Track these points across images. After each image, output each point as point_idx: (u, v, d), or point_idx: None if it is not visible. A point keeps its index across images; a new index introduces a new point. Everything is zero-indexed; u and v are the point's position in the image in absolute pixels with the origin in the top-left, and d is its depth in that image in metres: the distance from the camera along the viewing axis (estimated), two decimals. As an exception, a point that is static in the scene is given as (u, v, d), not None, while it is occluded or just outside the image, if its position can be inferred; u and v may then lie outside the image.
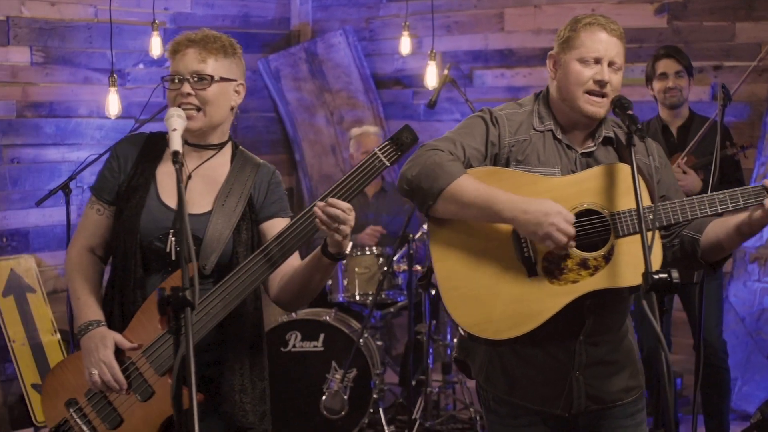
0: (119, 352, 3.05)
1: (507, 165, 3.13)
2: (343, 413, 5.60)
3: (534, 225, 2.93)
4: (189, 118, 3.06)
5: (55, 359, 6.38)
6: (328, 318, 5.79)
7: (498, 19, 7.16)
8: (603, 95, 3.08)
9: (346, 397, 5.58)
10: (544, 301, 3.03)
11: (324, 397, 5.58)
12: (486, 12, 7.18)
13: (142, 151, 3.22)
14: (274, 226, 3.13)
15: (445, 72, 6.16)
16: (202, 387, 3.11)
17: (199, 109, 3.10)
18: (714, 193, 3.03)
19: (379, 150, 2.95)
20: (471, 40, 7.16)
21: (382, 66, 7.69)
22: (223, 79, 3.13)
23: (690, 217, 3.02)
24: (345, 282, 6.04)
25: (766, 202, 2.97)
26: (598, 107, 3.08)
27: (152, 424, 3.06)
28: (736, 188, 3.02)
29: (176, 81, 3.10)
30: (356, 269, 6.04)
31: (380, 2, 7.56)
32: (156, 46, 6.48)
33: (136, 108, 6.68)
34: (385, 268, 5.75)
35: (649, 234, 2.84)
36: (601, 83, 3.07)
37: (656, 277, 2.65)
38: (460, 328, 3.24)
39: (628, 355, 3.27)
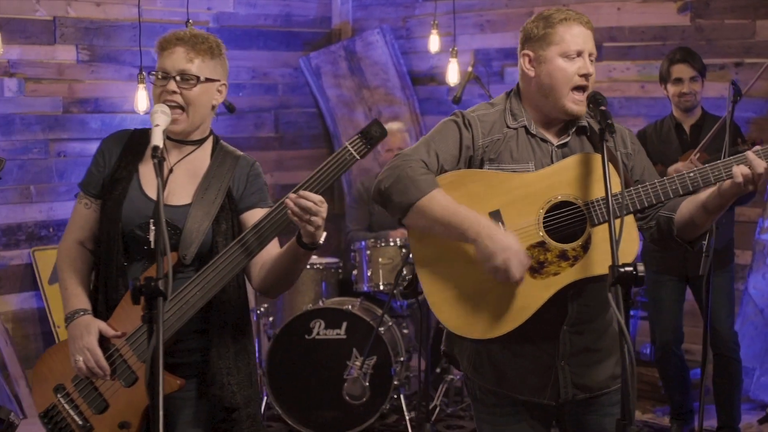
0: (104, 340, 3.08)
1: (481, 165, 3.11)
2: (364, 399, 5.62)
3: (490, 254, 2.93)
4: (173, 121, 3.07)
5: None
6: (350, 307, 5.80)
7: (528, 17, 7.10)
8: (585, 89, 3.08)
9: (366, 383, 5.59)
10: (527, 296, 3.02)
11: (345, 384, 5.62)
12: (517, 11, 7.15)
13: (126, 146, 3.25)
14: (254, 216, 3.13)
15: (469, 69, 6.18)
16: (189, 372, 3.16)
17: (182, 109, 3.12)
18: (685, 172, 2.99)
19: (350, 143, 2.96)
20: (502, 38, 7.15)
21: (418, 63, 7.69)
22: (207, 80, 3.15)
23: (663, 199, 3.00)
24: (369, 272, 6.06)
25: (734, 170, 2.93)
26: (581, 106, 3.09)
27: (136, 408, 3.08)
28: (707, 165, 2.98)
29: (162, 77, 3.12)
30: (380, 260, 6.06)
31: (416, 1, 7.58)
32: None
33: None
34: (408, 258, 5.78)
35: (623, 225, 2.82)
36: (587, 76, 3.07)
37: (622, 270, 2.64)
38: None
39: (614, 342, 3.19)
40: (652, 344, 5.79)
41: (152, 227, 3.12)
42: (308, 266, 6.01)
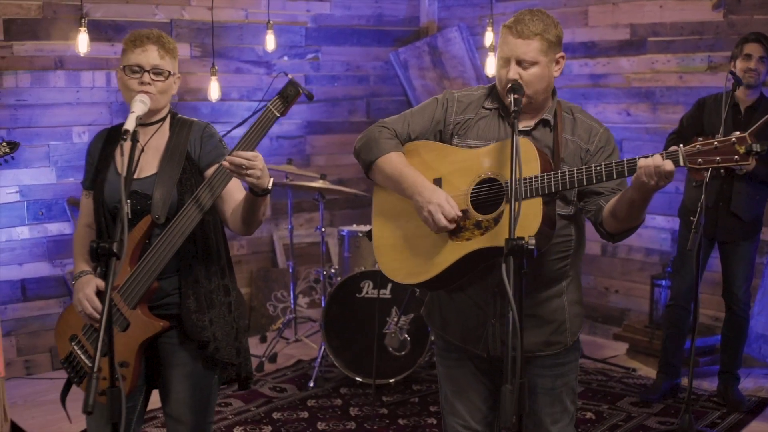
0: (102, 293, 3.18)
1: (450, 138, 3.20)
2: (404, 351, 5.66)
3: (419, 207, 3.08)
4: (150, 101, 3.17)
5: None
6: None
7: (583, 15, 7.01)
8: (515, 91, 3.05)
9: (402, 338, 5.61)
10: (442, 254, 3.09)
11: (385, 337, 5.68)
12: (573, 9, 7.04)
13: (105, 141, 3.38)
14: None
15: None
16: (172, 322, 3.26)
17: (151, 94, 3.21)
18: (593, 165, 2.92)
19: (271, 104, 3.10)
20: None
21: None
22: (171, 74, 3.30)
23: (568, 187, 2.94)
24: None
25: (639, 161, 2.83)
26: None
27: (131, 348, 3.20)
28: (614, 161, 2.90)
29: (136, 71, 3.20)
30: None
31: (491, 2, 7.56)
32: (270, 42, 6.72)
33: (274, 92, 6.94)
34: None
35: (534, 202, 2.92)
36: (509, 81, 3.05)
37: (514, 243, 2.63)
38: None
39: (554, 315, 3.23)
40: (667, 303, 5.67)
41: (126, 201, 3.17)
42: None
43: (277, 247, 7.47)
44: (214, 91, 6.35)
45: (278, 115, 3.10)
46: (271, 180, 3.06)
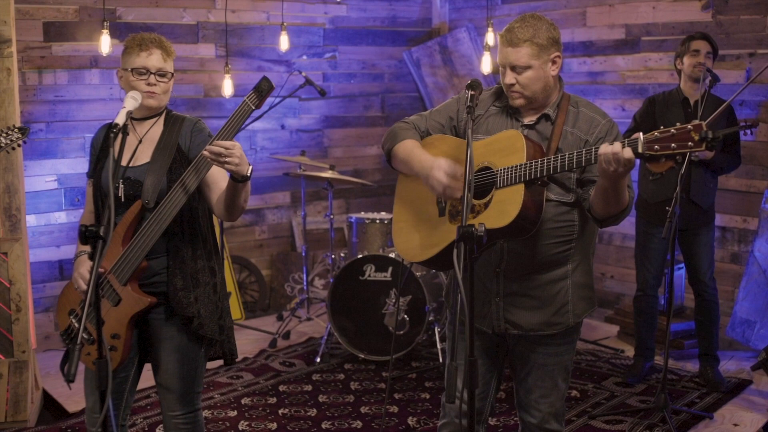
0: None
1: (464, 133, 3.23)
2: (404, 330, 5.71)
3: (424, 177, 3.15)
4: (147, 97, 3.28)
5: (227, 279, 6.94)
6: (394, 254, 5.85)
7: (581, 16, 6.99)
8: (515, 92, 3.13)
9: (400, 317, 5.66)
10: (442, 236, 3.18)
11: (384, 317, 5.73)
12: (573, 11, 7.02)
13: (106, 134, 3.46)
14: None
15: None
16: (160, 298, 3.34)
17: (155, 94, 3.32)
18: (553, 156, 2.95)
19: (247, 98, 3.12)
20: (562, 34, 6.94)
21: (496, 55, 7.62)
22: (172, 75, 3.38)
23: (539, 175, 2.96)
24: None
25: (600, 149, 2.84)
26: (513, 101, 3.16)
27: (122, 322, 3.28)
28: (583, 150, 2.91)
29: (142, 73, 3.29)
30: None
31: (497, 4, 7.57)
32: (284, 42, 6.79)
33: (291, 89, 7.00)
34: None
35: (516, 189, 2.97)
36: (507, 86, 3.14)
37: (464, 229, 2.66)
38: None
39: (556, 297, 3.22)
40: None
41: (121, 186, 3.33)
42: (376, 221, 6.18)
43: (295, 232, 7.56)
44: (227, 88, 6.44)
45: (253, 107, 3.14)
46: (250, 168, 3.12)
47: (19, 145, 4.24)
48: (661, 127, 2.82)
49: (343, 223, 7.67)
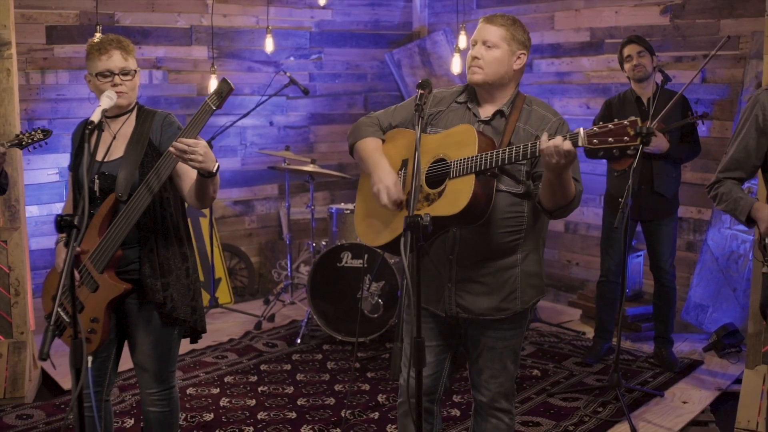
0: (77, 258, 3.22)
1: (426, 127, 3.24)
2: (377, 314, 5.69)
3: (373, 182, 3.18)
4: (119, 97, 3.26)
5: (217, 265, 6.96)
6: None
7: (550, 20, 6.95)
8: (477, 66, 3.11)
9: (374, 302, 5.66)
10: (397, 222, 3.16)
11: (360, 301, 5.70)
12: (542, 15, 6.99)
13: (83, 131, 3.39)
14: None
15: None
16: (129, 278, 3.32)
17: (123, 93, 3.29)
18: (501, 149, 2.94)
19: (208, 98, 3.10)
20: (532, 37, 6.98)
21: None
22: (136, 71, 3.35)
23: (487, 166, 2.94)
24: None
25: (542, 143, 2.84)
26: (472, 75, 3.15)
27: (100, 307, 3.29)
28: (522, 144, 2.90)
29: (107, 76, 3.27)
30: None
31: (472, 9, 7.54)
32: (269, 45, 6.75)
33: (277, 88, 6.99)
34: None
35: (467, 180, 2.98)
36: (473, 57, 3.13)
37: (410, 219, 2.66)
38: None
39: (506, 283, 3.19)
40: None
41: (96, 180, 3.32)
42: (354, 211, 6.18)
43: (282, 221, 7.55)
44: (214, 87, 6.41)
45: (214, 108, 3.11)
46: (217, 164, 3.09)
47: (41, 145, 4.22)
48: (600, 123, 2.82)
49: (323, 214, 7.67)
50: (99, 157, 3.36)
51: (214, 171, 3.09)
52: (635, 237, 5.95)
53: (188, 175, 3.29)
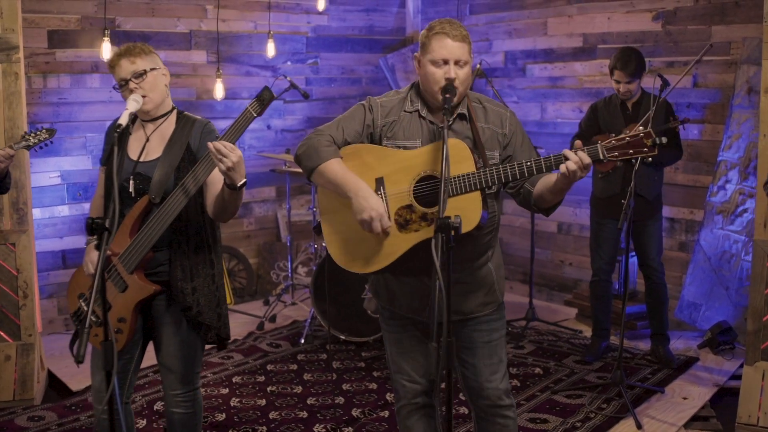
0: (107, 258, 3.21)
1: (380, 140, 3.10)
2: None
3: (359, 209, 2.96)
4: (144, 103, 3.24)
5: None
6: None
7: (543, 26, 6.96)
8: (455, 86, 2.98)
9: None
10: (394, 245, 3.02)
11: (364, 302, 5.62)
12: (535, 21, 7.00)
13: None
14: None
15: (478, 66, 6.12)
16: (158, 280, 3.28)
17: (146, 96, 3.26)
18: (524, 161, 2.91)
19: (250, 106, 3.06)
20: (525, 42, 7.00)
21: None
22: (151, 69, 3.28)
23: (503, 181, 2.92)
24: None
25: (561, 167, 2.86)
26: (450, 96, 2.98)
27: (129, 307, 3.25)
28: (542, 157, 2.91)
29: (123, 85, 3.26)
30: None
31: (465, 15, 7.54)
32: (271, 50, 6.72)
33: (277, 93, 6.97)
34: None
35: (474, 195, 2.92)
36: (449, 79, 2.98)
37: (441, 220, 2.60)
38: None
39: (485, 279, 3.21)
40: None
41: (131, 180, 3.27)
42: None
43: (280, 223, 7.50)
44: (219, 91, 6.37)
45: (255, 115, 3.08)
46: (244, 181, 3.04)
47: (46, 144, 4.16)
48: (613, 135, 2.87)
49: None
50: (134, 157, 3.33)
51: (238, 185, 3.04)
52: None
53: (215, 186, 3.24)
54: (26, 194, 5.05)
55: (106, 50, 5.87)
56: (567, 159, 2.86)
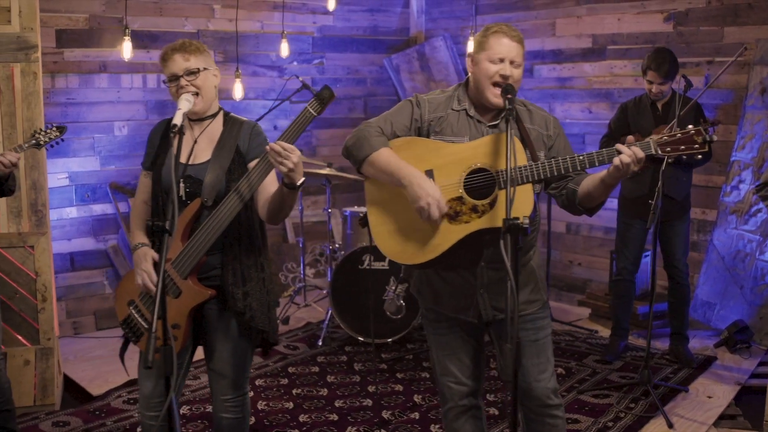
0: (157, 264, 3.14)
1: (428, 135, 3.10)
2: (401, 315, 5.56)
3: (415, 197, 2.94)
4: (194, 104, 3.15)
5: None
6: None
7: (551, 27, 6.95)
8: (501, 86, 3.01)
9: (399, 303, 5.50)
10: (444, 236, 3.00)
11: (384, 303, 5.59)
12: (543, 21, 6.98)
13: (165, 130, 3.33)
14: None
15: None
16: (210, 284, 3.20)
17: (197, 95, 3.17)
18: (576, 154, 2.95)
19: (309, 105, 2.98)
20: (533, 42, 6.99)
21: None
22: (204, 69, 3.20)
23: (555, 174, 2.92)
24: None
25: (615, 160, 2.86)
26: (499, 99, 3.02)
27: (183, 313, 3.16)
28: (594, 151, 2.92)
29: (173, 80, 3.17)
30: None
31: (470, 15, 7.50)
32: (284, 50, 6.65)
33: (288, 93, 6.88)
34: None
35: (526, 187, 2.91)
36: (504, 77, 3.01)
37: (511, 222, 2.60)
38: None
39: (530, 277, 3.20)
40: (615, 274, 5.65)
41: (182, 183, 3.20)
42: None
43: (287, 225, 7.41)
44: (238, 91, 6.28)
45: (314, 114, 3.00)
46: (303, 180, 2.98)
47: (57, 143, 4.07)
48: (664, 131, 2.89)
49: (325, 216, 7.55)
50: (183, 159, 3.24)
51: (299, 185, 2.97)
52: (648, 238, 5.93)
53: (267, 190, 3.17)
54: (44, 196, 4.93)
55: (127, 49, 5.75)
56: (620, 153, 2.88)
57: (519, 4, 7.12)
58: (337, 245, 6.27)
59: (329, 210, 6.30)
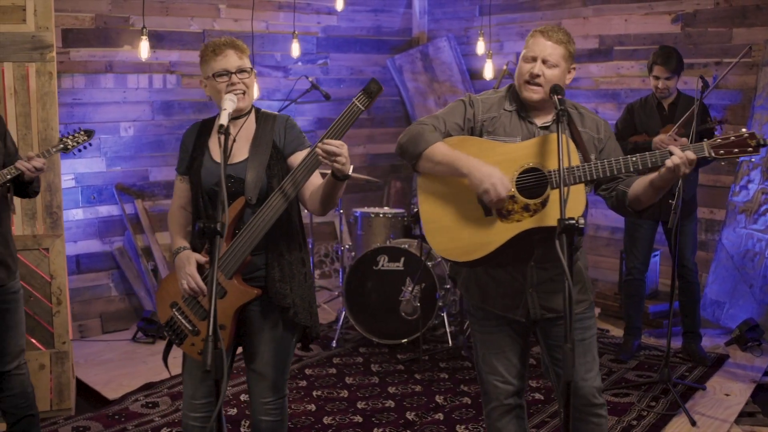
0: (200, 266, 3.11)
1: (481, 134, 3.11)
2: (416, 316, 5.54)
3: (479, 181, 2.93)
4: (239, 100, 3.10)
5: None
6: (408, 246, 5.71)
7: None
8: (537, 84, 3.03)
9: (416, 304, 5.50)
10: (495, 234, 3.00)
11: (400, 304, 5.58)
12: (548, 22, 6.98)
13: (199, 132, 3.28)
14: (297, 158, 3.13)
15: (504, 67, 6.07)
16: (255, 284, 3.16)
17: (243, 93, 3.13)
18: (629, 156, 2.93)
19: (356, 99, 2.92)
20: (538, 43, 7.01)
21: (475, 63, 7.53)
22: (252, 70, 3.19)
23: (608, 174, 2.93)
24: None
25: (667, 162, 2.87)
26: (531, 93, 3.04)
27: (228, 314, 3.11)
28: (647, 153, 2.91)
29: (223, 75, 3.10)
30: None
31: (474, 16, 7.48)
32: (295, 50, 6.60)
33: (295, 93, 6.86)
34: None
35: (578, 187, 2.91)
36: (532, 75, 3.02)
37: (567, 222, 2.58)
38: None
39: (578, 276, 3.19)
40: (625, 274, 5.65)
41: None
42: (381, 215, 6.06)
43: (294, 226, 7.37)
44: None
45: (362, 108, 2.94)
46: (351, 167, 2.96)
47: (85, 147, 4.00)
48: (721, 132, 2.88)
49: (330, 217, 7.51)
50: (218, 159, 3.18)
51: (350, 174, 2.95)
52: (655, 237, 5.93)
53: (311, 182, 3.14)
54: (59, 197, 4.84)
55: (144, 49, 5.67)
56: (672, 154, 2.88)
57: (525, 5, 7.11)
58: (346, 246, 6.23)
59: (341, 211, 6.25)
